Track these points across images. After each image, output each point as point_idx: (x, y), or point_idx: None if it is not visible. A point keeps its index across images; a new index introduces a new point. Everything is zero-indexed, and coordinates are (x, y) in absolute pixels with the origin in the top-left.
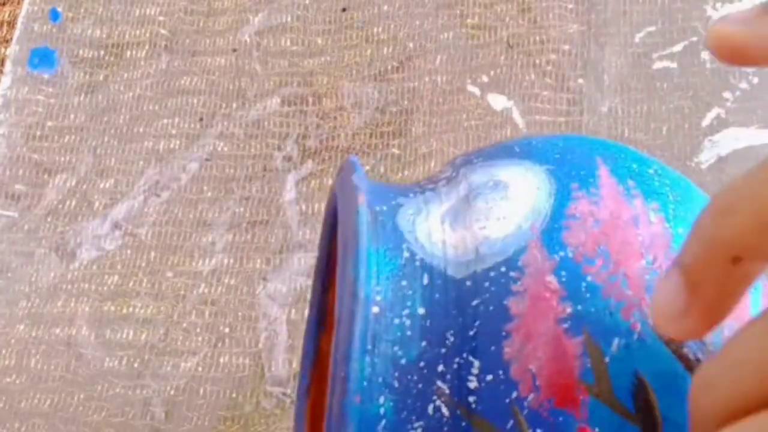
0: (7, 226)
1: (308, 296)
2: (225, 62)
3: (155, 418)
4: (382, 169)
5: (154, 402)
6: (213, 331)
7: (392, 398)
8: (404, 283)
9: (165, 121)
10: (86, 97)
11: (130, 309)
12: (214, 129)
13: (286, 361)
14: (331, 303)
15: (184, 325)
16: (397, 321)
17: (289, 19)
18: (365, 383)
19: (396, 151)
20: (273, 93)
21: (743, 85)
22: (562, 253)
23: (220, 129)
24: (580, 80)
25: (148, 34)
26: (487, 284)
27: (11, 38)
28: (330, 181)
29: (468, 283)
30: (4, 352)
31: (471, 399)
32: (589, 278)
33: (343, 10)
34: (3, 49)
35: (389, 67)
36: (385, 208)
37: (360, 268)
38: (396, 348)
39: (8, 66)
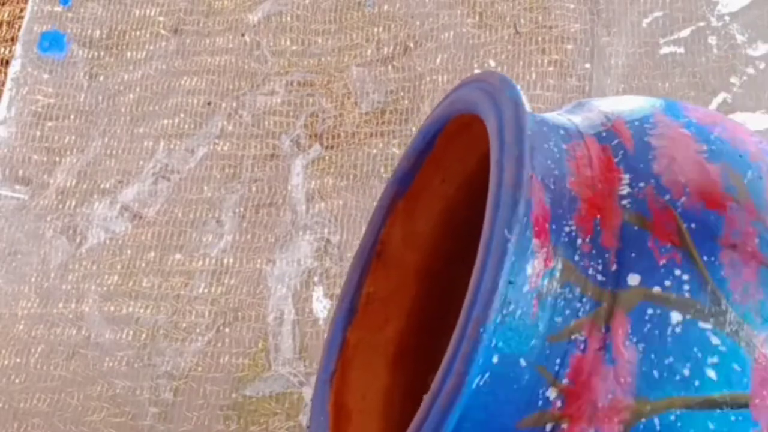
0: (17, 208)
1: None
2: (234, 44)
3: (155, 418)
4: (382, 170)
5: (153, 402)
6: (214, 325)
7: (549, 196)
8: (545, 129)
9: (173, 102)
10: (95, 80)
11: (137, 287)
12: (222, 112)
13: (287, 361)
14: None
15: (187, 319)
16: (546, 146)
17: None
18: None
19: (396, 150)
20: (281, 76)
21: (750, 70)
22: (686, 119)
23: (228, 112)
24: (587, 65)
25: (156, 16)
26: (626, 127)
27: (10, 38)
28: (336, 165)
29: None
30: (11, 334)
31: (624, 202)
32: (714, 134)
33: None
34: (3, 49)
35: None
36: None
37: (522, 112)
38: (550, 162)
39: (18, 49)
